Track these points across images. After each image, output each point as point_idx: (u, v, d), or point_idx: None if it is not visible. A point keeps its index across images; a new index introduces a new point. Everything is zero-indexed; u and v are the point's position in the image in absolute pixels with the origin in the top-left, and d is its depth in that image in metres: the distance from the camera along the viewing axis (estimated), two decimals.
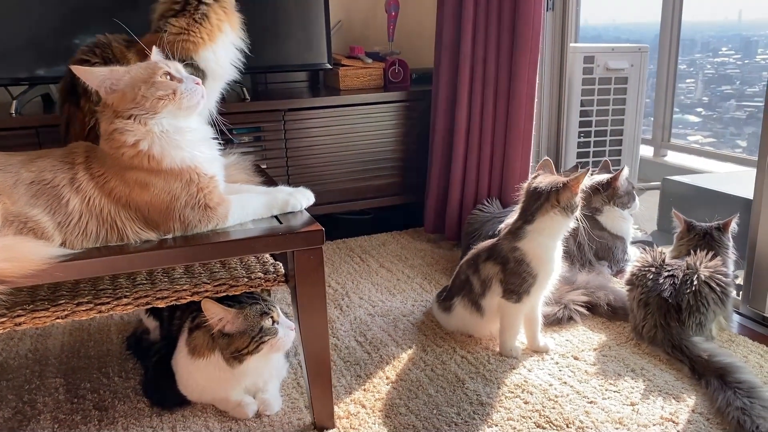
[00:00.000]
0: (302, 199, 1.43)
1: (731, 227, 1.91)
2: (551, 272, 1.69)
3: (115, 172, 1.23)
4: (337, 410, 1.51)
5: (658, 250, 1.86)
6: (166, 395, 1.54)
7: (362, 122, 2.67)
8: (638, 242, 2.48)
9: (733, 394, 1.45)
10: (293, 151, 2.58)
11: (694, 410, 1.48)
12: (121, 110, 1.22)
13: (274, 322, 1.43)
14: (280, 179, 2.21)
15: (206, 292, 1.36)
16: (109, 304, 1.30)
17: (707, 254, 1.80)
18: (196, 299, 1.36)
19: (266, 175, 1.72)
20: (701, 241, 1.90)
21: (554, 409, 1.50)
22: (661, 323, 1.71)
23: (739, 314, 1.96)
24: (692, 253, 1.82)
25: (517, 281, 1.67)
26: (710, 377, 1.54)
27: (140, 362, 1.73)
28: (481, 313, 1.77)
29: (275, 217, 1.39)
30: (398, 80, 2.86)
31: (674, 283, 1.74)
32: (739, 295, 1.99)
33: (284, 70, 2.83)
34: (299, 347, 1.44)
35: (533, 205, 1.64)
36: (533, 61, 2.28)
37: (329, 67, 2.70)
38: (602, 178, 2.31)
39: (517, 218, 1.70)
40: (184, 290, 1.35)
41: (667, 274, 1.76)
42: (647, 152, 3.53)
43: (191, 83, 1.25)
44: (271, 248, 1.33)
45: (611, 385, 1.59)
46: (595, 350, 1.76)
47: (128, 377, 1.68)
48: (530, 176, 1.74)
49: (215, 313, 1.37)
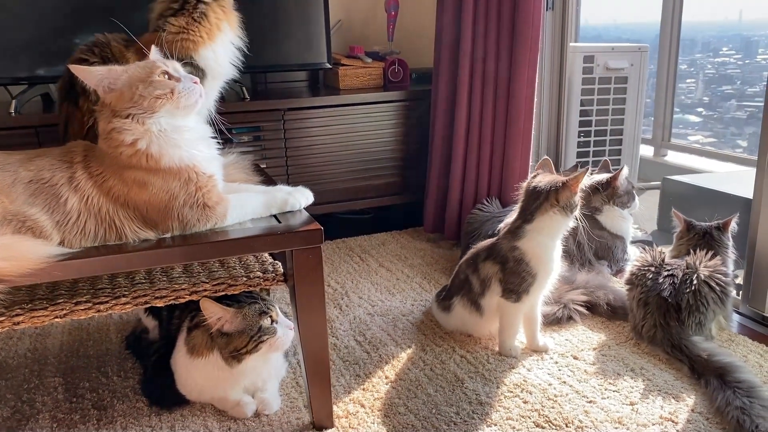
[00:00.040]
0: (301, 198, 1.43)
1: (731, 227, 1.91)
2: (550, 271, 1.68)
3: (113, 171, 1.23)
4: (336, 409, 1.51)
5: (657, 249, 1.86)
6: (164, 394, 1.54)
7: (362, 122, 2.67)
8: (638, 242, 2.48)
9: (732, 393, 1.45)
10: (293, 150, 2.58)
11: (693, 410, 1.47)
12: (119, 109, 1.22)
13: (272, 321, 1.42)
14: (279, 179, 2.21)
15: (205, 291, 1.36)
16: (107, 303, 1.30)
17: (707, 254, 1.80)
18: (194, 298, 1.36)
19: (265, 174, 1.71)
20: (701, 240, 1.90)
21: (553, 408, 1.50)
22: (660, 323, 1.71)
23: (738, 314, 1.95)
24: (692, 252, 1.82)
25: (516, 280, 1.67)
26: (710, 377, 1.54)
27: (139, 361, 1.73)
28: (480, 312, 1.76)
29: (274, 216, 1.39)
30: (398, 80, 2.86)
31: (674, 282, 1.74)
32: (738, 294, 1.99)
33: (284, 69, 2.82)
34: (298, 346, 1.44)
35: (532, 204, 1.64)
36: (533, 60, 2.28)
37: (329, 66, 2.70)
38: (602, 177, 2.31)
39: (516, 217, 1.70)
40: (182, 289, 1.35)
41: (666, 273, 1.76)
42: (647, 152, 3.53)
43: (189, 82, 1.25)
44: (269, 247, 1.33)
45: (611, 384, 1.58)
46: (594, 350, 1.76)
47: (127, 376, 1.68)
48: (529, 175, 1.74)
49: (214, 312, 1.37)
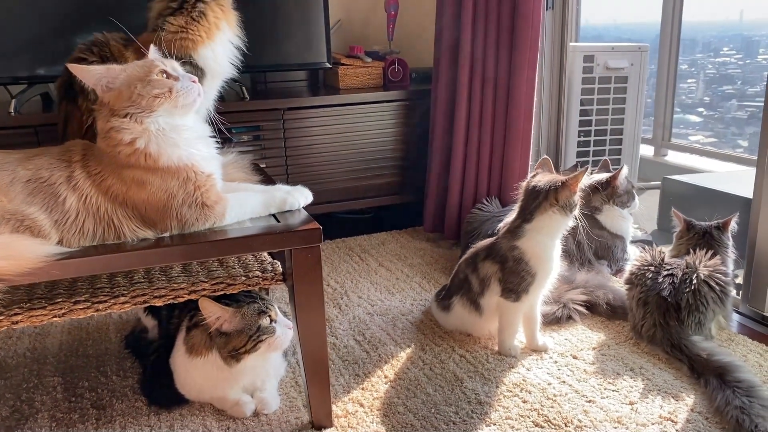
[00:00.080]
0: (300, 197, 1.43)
1: (731, 226, 1.91)
2: (550, 271, 1.68)
3: (112, 170, 1.23)
4: (335, 409, 1.51)
5: (657, 249, 1.85)
6: (164, 394, 1.54)
7: (362, 121, 2.67)
8: (638, 241, 2.48)
9: (732, 393, 1.45)
10: (292, 150, 2.57)
11: (693, 409, 1.47)
12: (117, 108, 1.22)
13: (271, 320, 1.42)
14: (279, 178, 2.21)
15: (204, 290, 1.36)
16: (106, 302, 1.30)
17: (706, 253, 1.79)
18: (193, 298, 1.36)
19: (264, 173, 1.71)
20: (701, 240, 1.90)
21: (553, 408, 1.49)
22: (660, 322, 1.71)
23: (738, 313, 1.95)
24: (692, 252, 1.82)
25: (515, 280, 1.67)
26: (709, 376, 1.54)
27: (138, 361, 1.73)
28: (479, 312, 1.76)
29: (273, 215, 1.39)
30: (398, 79, 2.86)
31: (673, 282, 1.73)
32: (738, 294, 1.99)
33: (284, 69, 2.82)
34: (297, 346, 1.44)
35: (532, 203, 1.64)
36: (533, 60, 2.28)
37: (329, 66, 2.69)
38: (602, 177, 2.31)
39: (515, 217, 1.70)
40: (181, 289, 1.35)
41: (666, 273, 1.76)
42: (648, 152, 3.53)
43: (187, 81, 1.25)
44: (268, 246, 1.33)
45: (610, 384, 1.58)
46: (594, 349, 1.75)
47: (126, 376, 1.68)
48: (529, 175, 1.74)
49: (212, 311, 1.37)
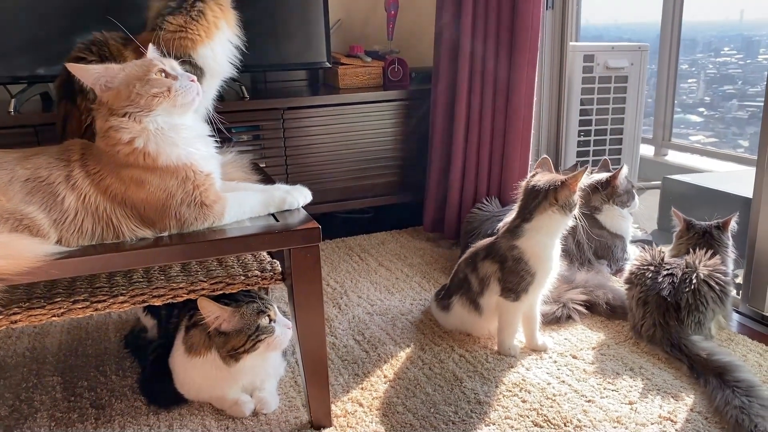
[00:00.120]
0: (299, 196, 1.43)
1: (731, 226, 1.90)
2: (549, 270, 1.68)
3: (110, 169, 1.23)
4: (334, 409, 1.50)
5: (657, 248, 1.85)
6: (163, 393, 1.54)
7: (361, 121, 2.66)
8: (638, 241, 2.48)
9: (731, 392, 1.45)
10: (292, 149, 2.57)
11: (692, 409, 1.47)
12: (116, 108, 1.22)
13: (270, 320, 1.42)
14: (279, 178, 2.21)
15: (203, 290, 1.36)
16: (105, 302, 1.30)
17: (706, 253, 1.79)
18: (192, 297, 1.36)
19: (263, 173, 1.71)
20: (701, 239, 1.90)
21: (552, 407, 1.49)
22: (659, 322, 1.71)
23: (738, 313, 1.95)
24: (691, 251, 1.81)
25: (515, 280, 1.66)
26: (709, 376, 1.53)
27: (138, 360, 1.73)
28: (479, 311, 1.76)
29: (272, 215, 1.39)
30: (397, 79, 2.86)
31: (673, 281, 1.73)
32: (738, 293, 1.98)
33: (283, 68, 2.82)
34: (297, 345, 1.44)
35: (531, 203, 1.64)
36: (532, 59, 2.28)
37: (328, 65, 2.69)
38: (601, 176, 2.31)
39: (515, 216, 1.69)
40: (180, 288, 1.35)
41: (666, 272, 1.76)
42: (648, 151, 3.52)
43: (186, 80, 1.25)
44: (267, 246, 1.33)
45: (609, 383, 1.58)
46: (593, 349, 1.75)
47: (126, 375, 1.68)
48: (528, 175, 1.74)
49: (211, 311, 1.37)
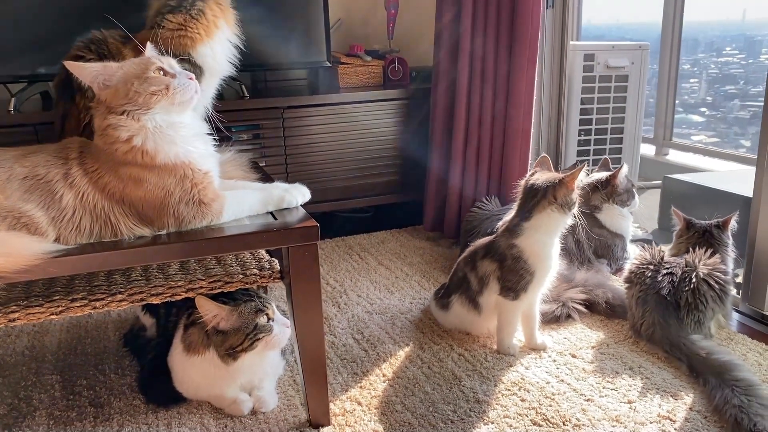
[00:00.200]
0: (298, 195, 1.43)
1: (731, 225, 1.90)
2: (549, 269, 1.68)
3: (108, 167, 1.23)
4: (333, 407, 1.50)
5: (656, 247, 1.85)
6: (161, 392, 1.53)
7: (361, 120, 2.66)
8: (638, 240, 2.47)
9: (731, 391, 1.44)
10: (292, 148, 2.57)
11: (691, 408, 1.47)
12: (114, 106, 1.22)
13: (269, 319, 1.42)
14: (279, 177, 2.21)
15: (201, 288, 1.36)
16: (103, 300, 1.30)
17: (706, 252, 1.79)
18: (190, 296, 1.36)
19: (263, 171, 1.71)
20: (701, 238, 1.89)
21: (551, 406, 1.49)
22: (659, 321, 1.70)
23: (738, 312, 1.95)
24: (691, 250, 1.81)
25: (514, 278, 1.66)
26: (708, 375, 1.53)
27: (136, 359, 1.73)
28: (478, 310, 1.76)
29: (271, 213, 1.38)
30: (398, 78, 2.86)
31: (673, 280, 1.73)
32: (738, 293, 1.98)
33: (284, 68, 2.82)
34: (296, 344, 1.44)
35: (530, 202, 1.64)
36: (532, 58, 2.27)
37: (328, 64, 2.69)
38: (601, 175, 2.31)
39: (514, 215, 1.69)
40: (179, 287, 1.35)
41: (665, 271, 1.75)
42: (649, 151, 3.52)
43: (184, 78, 1.25)
44: (265, 244, 1.33)
45: (609, 382, 1.58)
46: (593, 348, 1.75)
47: (124, 374, 1.68)
48: (528, 173, 1.73)
49: (209, 309, 1.37)
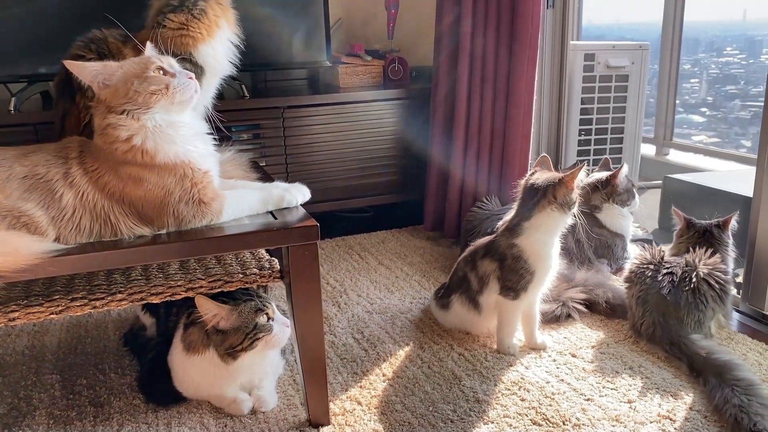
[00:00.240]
0: (298, 194, 1.43)
1: (731, 225, 1.90)
2: (549, 269, 1.68)
3: (108, 167, 1.23)
4: (332, 407, 1.50)
5: (657, 247, 1.85)
6: (161, 391, 1.54)
7: (362, 120, 2.66)
8: (638, 240, 2.47)
9: (731, 391, 1.44)
10: (292, 148, 2.57)
11: (691, 408, 1.47)
12: (114, 105, 1.22)
13: (268, 318, 1.42)
14: (279, 177, 2.20)
15: (201, 288, 1.36)
16: (103, 299, 1.30)
17: (706, 251, 1.79)
18: (190, 295, 1.36)
19: (262, 171, 1.71)
20: (701, 238, 1.89)
21: (551, 406, 1.49)
22: (659, 320, 1.70)
23: (738, 312, 1.94)
24: (692, 250, 1.81)
25: (514, 278, 1.66)
26: (708, 375, 1.53)
27: (136, 359, 1.73)
28: (478, 310, 1.76)
29: (271, 213, 1.38)
30: (398, 78, 2.86)
31: (673, 280, 1.73)
32: (738, 292, 1.98)
33: (284, 67, 2.82)
34: (295, 344, 1.44)
35: (530, 201, 1.64)
36: (532, 58, 2.27)
37: (329, 64, 2.69)
38: (602, 175, 2.30)
39: (514, 215, 1.69)
40: (178, 286, 1.35)
41: (665, 271, 1.75)
42: (650, 151, 3.52)
43: (184, 78, 1.25)
44: (265, 243, 1.33)
45: (609, 382, 1.58)
46: (593, 348, 1.75)
47: (124, 374, 1.68)
48: (528, 173, 1.73)
49: (209, 309, 1.37)
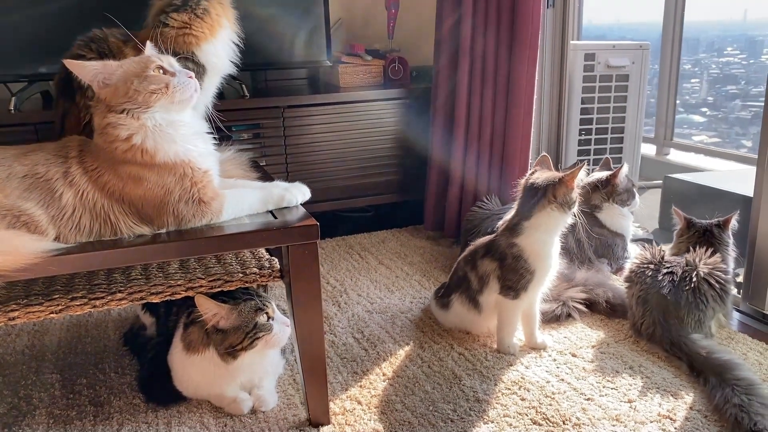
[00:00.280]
0: (298, 194, 1.43)
1: (731, 224, 1.89)
2: (549, 268, 1.68)
3: (108, 166, 1.23)
4: (332, 406, 1.50)
5: (657, 247, 1.85)
6: (161, 391, 1.53)
7: (362, 119, 2.66)
8: (639, 240, 2.47)
9: (731, 391, 1.44)
10: (292, 148, 2.57)
11: (692, 407, 1.47)
12: (114, 104, 1.22)
13: (268, 318, 1.42)
14: (279, 176, 2.20)
15: (201, 287, 1.36)
16: (103, 298, 1.30)
17: (707, 251, 1.78)
18: (190, 294, 1.36)
19: (263, 170, 1.71)
20: (701, 238, 1.89)
21: (551, 405, 1.49)
22: (659, 320, 1.70)
23: (738, 311, 1.94)
24: (692, 250, 1.81)
25: (514, 277, 1.66)
26: (708, 374, 1.53)
27: (136, 358, 1.73)
28: (478, 309, 1.76)
29: (270, 212, 1.38)
30: (398, 77, 2.86)
31: (673, 280, 1.73)
32: (739, 292, 1.98)
33: (284, 67, 2.82)
34: (295, 343, 1.44)
35: (530, 201, 1.63)
36: (532, 57, 2.27)
37: (329, 64, 2.69)
38: (602, 175, 2.30)
39: (514, 214, 1.69)
40: (178, 285, 1.35)
41: (666, 271, 1.75)
42: (650, 150, 3.52)
43: (184, 77, 1.25)
44: (265, 243, 1.33)
45: (609, 382, 1.58)
46: (593, 347, 1.75)
47: (124, 373, 1.68)
48: (528, 172, 1.73)
49: (209, 308, 1.37)
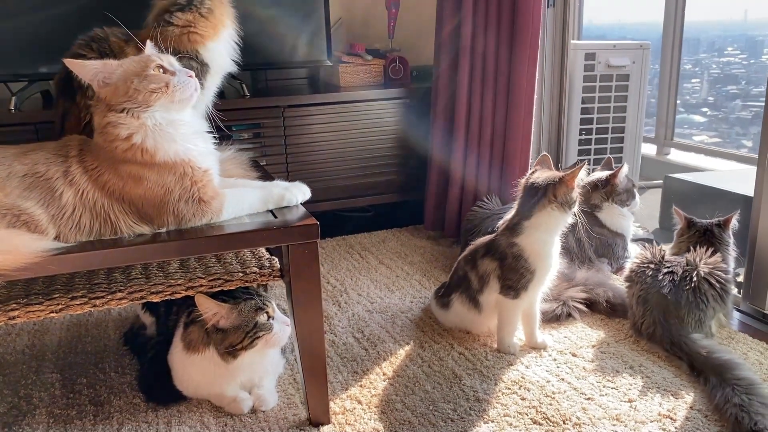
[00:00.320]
0: (298, 193, 1.43)
1: (732, 224, 1.89)
2: (549, 268, 1.67)
3: (108, 165, 1.23)
4: (332, 406, 1.50)
5: (657, 246, 1.84)
6: (161, 390, 1.53)
7: (362, 119, 2.66)
8: (639, 240, 2.47)
9: (731, 390, 1.44)
10: (293, 147, 2.57)
11: (692, 407, 1.46)
12: (114, 104, 1.22)
13: (269, 317, 1.42)
14: (279, 176, 2.20)
15: (201, 286, 1.36)
16: (103, 298, 1.30)
17: (707, 251, 1.78)
18: (190, 294, 1.36)
19: (263, 170, 1.71)
20: (701, 237, 1.89)
21: (551, 405, 1.49)
22: (660, 320, 1.70)
23: (739, 311, 1.94)
24: (692, 249, 1.81)
25: (514, 277, 1.66)
26: (709, 374, 1.53)
27: (137, 358, 1.73)
28: (478, 309, 1.76)
29: (271, 211, 1.38)
30: (398, 77, 2.86)
31: (673, 279, 1.72)
32: (739, 292, 1.98)
33: (284, 66, 2.82)
34: (295, 343, 1.44)
35: (530, 200, 1.63)
36: (533, 57, 2.27)
37: (329, 63, 2.69)
38: (602, 174, 2.30)
39: (514, 214, 1.69)
40: (178, 285, 1.35)
41: (666, 270, 1.75)
42: (650, 150, 3.51)
43: (184, 76, 1.25)
44: (265, 242, 1.33)
45: (609, 381, 1.58)
46: (593, 347, 1.75)
47: (125, 373, 1.68)
48: (528, 172, 1.73)
49: (209, 307, 1.37)
